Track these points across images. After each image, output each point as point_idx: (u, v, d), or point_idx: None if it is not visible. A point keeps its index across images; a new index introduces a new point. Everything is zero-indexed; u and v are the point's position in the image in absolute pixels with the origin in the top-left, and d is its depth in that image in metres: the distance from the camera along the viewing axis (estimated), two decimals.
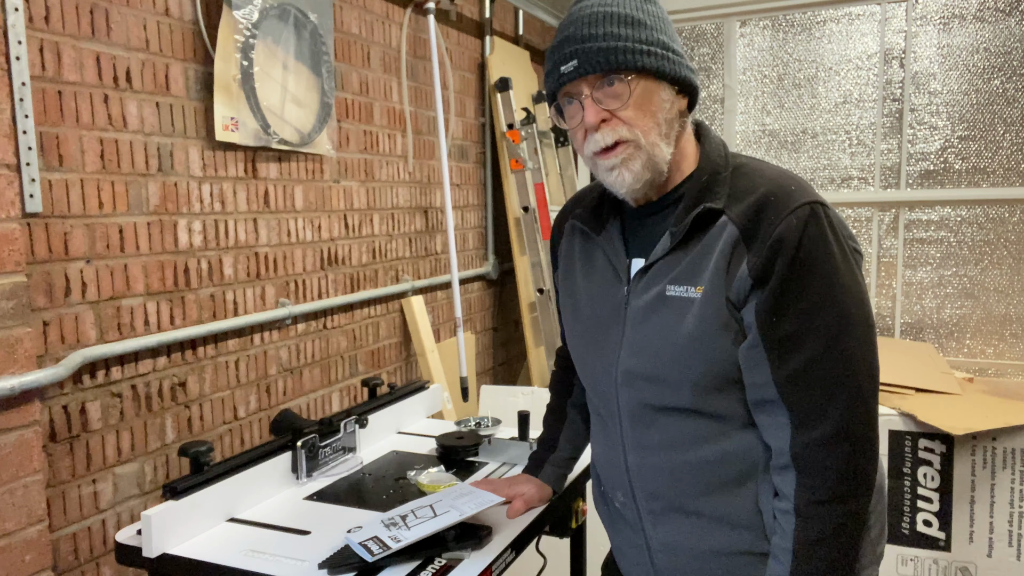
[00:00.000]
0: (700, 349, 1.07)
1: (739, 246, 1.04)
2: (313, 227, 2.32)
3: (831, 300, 1.01)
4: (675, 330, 1.09)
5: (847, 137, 3.53)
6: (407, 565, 1.21)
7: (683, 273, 1.09)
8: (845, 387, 1.01)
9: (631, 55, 1.05)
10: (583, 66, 1.06)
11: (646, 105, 1.07)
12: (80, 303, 1.62)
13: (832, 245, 1.03)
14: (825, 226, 1.03)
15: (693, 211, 1.08)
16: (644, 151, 1.08)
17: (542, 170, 3.23)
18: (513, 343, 3.76)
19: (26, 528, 1.44)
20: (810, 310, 1.01)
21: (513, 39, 3.67)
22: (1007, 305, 3.30)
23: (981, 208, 3.32)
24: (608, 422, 1.22)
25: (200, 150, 1.91)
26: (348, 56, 2.48)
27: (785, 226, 1.01)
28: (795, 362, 1.02)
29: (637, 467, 1.17)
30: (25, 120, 1.48)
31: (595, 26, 1.06)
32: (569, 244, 1.31)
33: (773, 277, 1.02)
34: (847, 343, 1.01)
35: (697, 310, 1.07)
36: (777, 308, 1.02)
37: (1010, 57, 3.21)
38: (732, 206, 1.07)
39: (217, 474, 1.40)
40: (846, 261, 1.03)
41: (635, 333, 1.14)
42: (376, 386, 1.94)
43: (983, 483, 2.24)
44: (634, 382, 1.14)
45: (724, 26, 3.70)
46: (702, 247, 1.08)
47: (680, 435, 1.12)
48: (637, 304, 1.14)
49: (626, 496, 1.21)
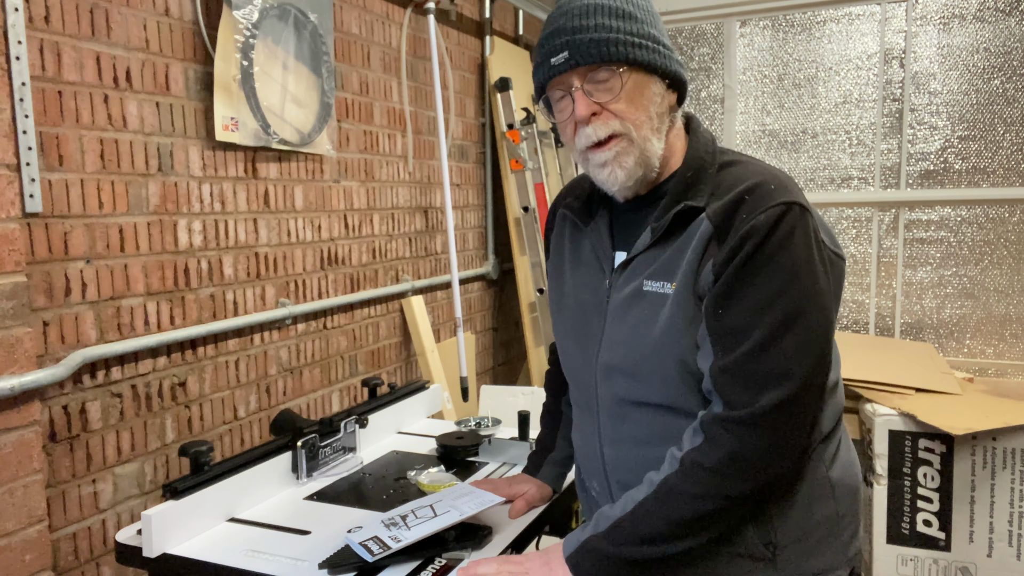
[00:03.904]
0: (671, 344, 1.06)
1: (711, 243, 1.03)
2: (313, 227, 2.32)
3: (782, 298, 0.99)
4: (650, 325, 1.08)
5: (847, 137, 3.53)
6: (407, 565, 1.21)
7: (660, 269, 1.08)
8: (773, 385, 0.99)
9: (623, 47, 1.04)
10: (574, 57, 1.04)
11: (638, 98, 1.06)
12: (80, 303, 1.62)
13: (797, 245, 1.00)
14: (795, 226, 1.01)
15: (674, 208, 1.07)
16: (637, 146, 1.07)
17: (542, 170, 3.23)
18: (513, 343, 3.76)
19: (26, 528, 1.44)
20: (758, 306, 1.00)
21: (513, 39, 3.67)
22: (1007, 305, 3.30)
23: (981, 208, 3.32)
24: (587, 414, 1.22)
25: (200, 150, 1.91)
26: (348, 56, 2.48)
27: (753, 224, 1.00)
28: (732, 356, 1.00)
29: (612, 459, 1.18)
30: (25, 120, 1.48)
31: (586, 17, 1.05)
32: (560, 233, 1.30)
33: (730, 269, 1.00)
34: (789, 341, 0.99)
35: (669, 306, 1.06)
36: (726, 300, 1.01)
37: (1010, 57, 3.21)
38: (713, 203, 1.05)
39: (217, 474, 1.40)
40: (810, 263, 1.01)
41: (614, 327, 1.14)
42: (376, 386, 1.94)
43: (983, 483, 2.24)
44: (612, 376, 1.14)
45: (724, 26, 3.70)
46: (679, 243, 1.07)
47: (653, 431, 1.11)
48: (617, 298, 1.14)
49: (601, 486, 1.22)
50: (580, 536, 1.09)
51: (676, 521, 1.01)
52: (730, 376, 1.01)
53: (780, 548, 1.07)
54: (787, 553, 1.07)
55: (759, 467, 1.01)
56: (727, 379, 1.01)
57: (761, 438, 0.99)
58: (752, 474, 1.01)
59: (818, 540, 1.09)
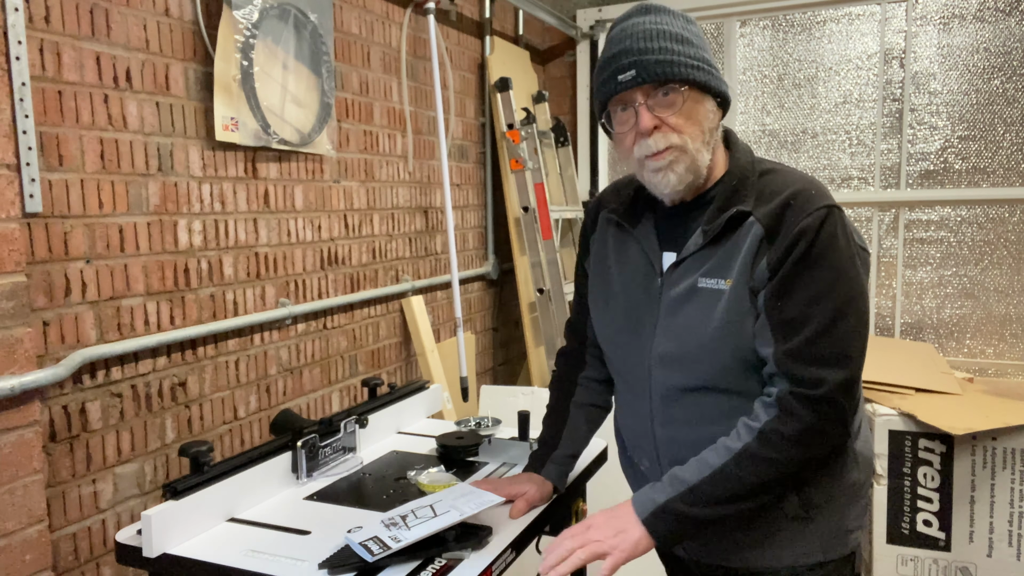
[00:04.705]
0: (728, 335, 1.20)
1: (763, 243, 1.18)
2: (313, 227, 2.32)
3: (833, 291, 1.15)
4: (706, 318, 1.21)
5: (847, 137, 3.53)
6: (407, 565, 1.21)
7: (714, 267, 1.22)
8: (836, 365, 1.15)
9: (684, 68, 1.17)
10: (640, 75, 1.17)
11: (694, 115, 1.20)
12: (80, 303, 1.62)
13: (841, 244, 1.17)
14: (838, 228, 1.17)
15: (725, 213, 1.21)
16: (689, 155, 1.20)
17: (542, 170, 3.23)
18: (513, 343, 3.76)
19: (26, 528, 1.44)
20: (813, 299, 1.15)
21: (513, 39, 3.67)
22: (1007, 305, 3.30)
23: (981, 208, 3.31)
24: (640, 399, 1.33)
25: (200, 150, 1.91)
26: (348, 56, 2.48)
27: (803, 225, 1.15)
28: (795, 342, 1.14)
29: (664, 438, 1.30)
30: (25, 120, 1.48)
31: (651, 40, 1.18)
32: (603, 234, 1.42)
33: (786, 266, 1.15)
34: (842, 328, 1.15)
35: (726, 300, 1.20)
36: (783, 294, 1.16)
37: (1010, 57, 3.21)
38: (759, 208, 1.20)
39: (217, 474, 1.40)
40: (851, 259, 1.17)
41: (669, 320, 1.26)
42: (376, 386, 1.94)
43: (983, 483, 2.24)
44: (667, 364, 1.26)
45: (724, 26, 3.70)
46: (731, 244, 1.21)
47: (702, 412, 1.25)
48: (670, 294, 1.26)
49: (652, 463, 1.33)
50: (655, 498, 1.19)
51: (750, 484, 1.15)
52: (795, 359, 1.15)
53: (815, 509, 1.24)
54: (821, 514, 1.25)
55: (828, 437, 1.17)
56: (793, 362, 1.15)
57: (830, 412, 1.15)
58: (822, 442, 1.16)
59: (844, 503, 1.27)
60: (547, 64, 4.09)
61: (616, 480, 2.25)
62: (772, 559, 1.27)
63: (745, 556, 1.29)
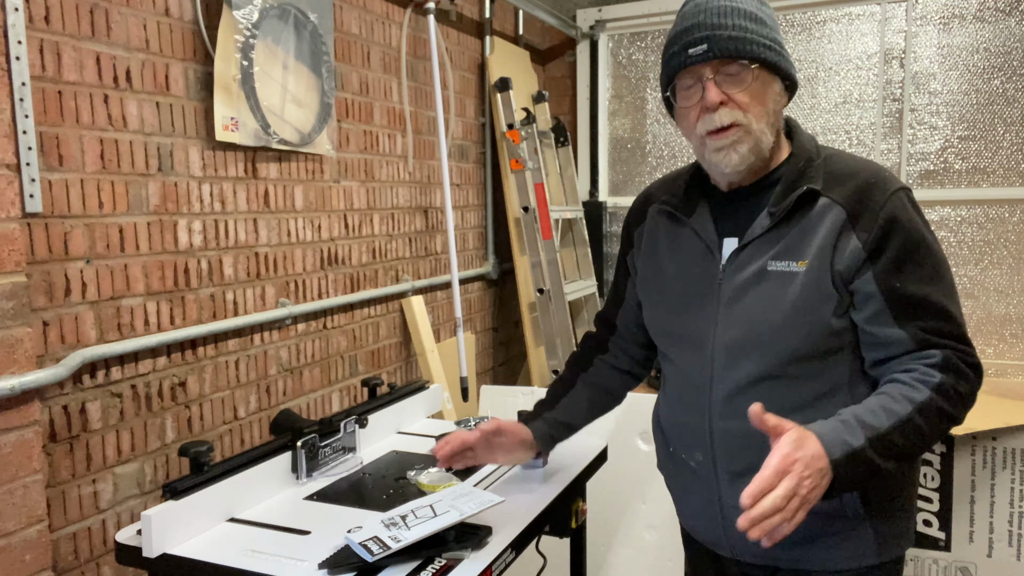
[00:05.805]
0: (803, 318, 1.17)
1: (846, 225, 1.16)
2: (313, 227, 2.32)
3: (940, 268, 1.19)
4: (778, 302, 1.19)
5: (847, 137, 3.53)
6: (407, 565, 1.21)
7: (784, 249, 1.19)
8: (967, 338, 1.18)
9: (756, 46, 1.16)
10: (712, 50, 1.15)
11: (761, 94, 1.18)
12: (80, 303, 1.62)
13: (925, 222, 1.21)
14: (917, 207, 1.21)
15: (794, 192, 1.18)
16: (753, 135, 1.18)
17: (542, 170, 3.23)
18: (513, 343, 3.76)
19: (26, 528, 1.44)
20: (929, 277, 1.17)
21: (513, 39, 3.67)
22: (1007, 305, 3.30)
23: (981, 208, 3.31)
24: (693, 389, 1.29)
25: (200, 150, 1.91)
26: (348, 56, 2.48)
27: (892, 207, 1.16)
28: (931, 318, 1.15)
29: (723, 431, 1.25)
30: (25, 120, 1.48)
31: (725, 16, 1.16)
32: (654, 226, 1.40)
33: (889, 249, 1.15)
34: (956, 303, 1.19)
35: (800, 283, 1.17)
36: (898, 274, 1.16)
37: (1010, 57, 3.21)
38: (831, 189, 1.19)
39: (217, 474, 1.40)
40: (934, 235, 1.22)
41: (733, 307, 1.23)
42: (376, 386, 1.94)
43: (983, 483, 2.23)
44: (733, 352, 1.23)
45: None
46: (803, 226, 1.19)
47: (771, 404, 1.16)
48: (734, 281, 1.23)
49: (705, 456, 1.29)
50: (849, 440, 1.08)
51: (928, 437, 1.12)
52: (939, 334, 1.15)
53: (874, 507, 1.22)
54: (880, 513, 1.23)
55: (975, 403, 1.17)
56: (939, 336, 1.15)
57: (980, 380, 1.17)
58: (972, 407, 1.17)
59: (902, 504, 1.25)
60: (547, 64, 4.09)
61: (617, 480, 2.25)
62: (824, 560, 1.24)
63: (796, 555, 1.24)
